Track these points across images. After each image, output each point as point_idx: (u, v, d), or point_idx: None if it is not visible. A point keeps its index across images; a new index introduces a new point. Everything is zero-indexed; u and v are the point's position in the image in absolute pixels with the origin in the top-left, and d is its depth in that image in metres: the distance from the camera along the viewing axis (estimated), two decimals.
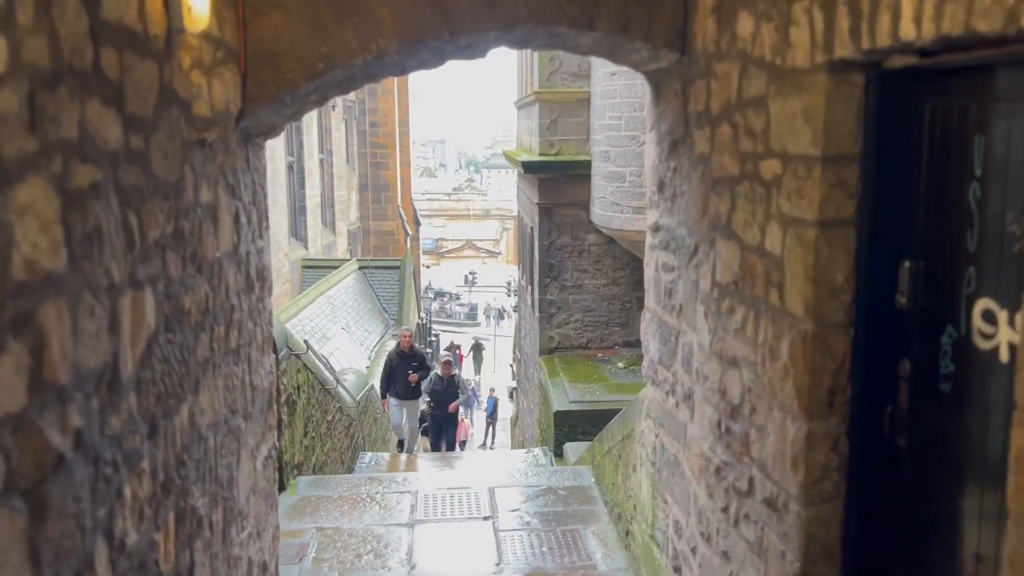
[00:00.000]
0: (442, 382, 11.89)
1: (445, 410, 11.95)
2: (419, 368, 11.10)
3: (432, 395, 11.96)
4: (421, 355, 11.47)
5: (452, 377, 12.04)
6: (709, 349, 3.48)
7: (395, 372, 11.08)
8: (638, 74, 9.78)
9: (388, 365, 11.34)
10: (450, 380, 11.96)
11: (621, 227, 10.64)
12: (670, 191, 4.05)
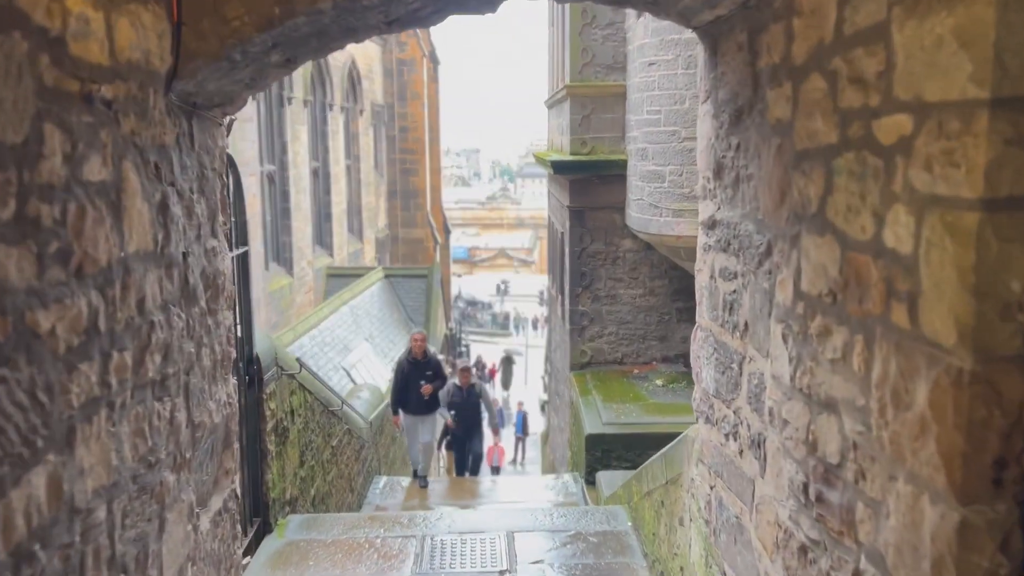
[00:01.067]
0: (461, 393, 10.73)
1: (467, 424, 10.80)
2: (434, 378, 9.72)
3: (451, 408, 10.82)
4: (436, 362, 10.08)
5: (472, 386, 10.83)
6: (790, 384, 2.58)
7: (407, 383, 9.73)
8: (678, 64, 8.81)
9: (399, 374, 9.88)
10: (470, 390, 10.76)
11: (660, 231, 9.72)
12: (731, 175, 3.15)
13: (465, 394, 10.77)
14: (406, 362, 9.86)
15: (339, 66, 23.09)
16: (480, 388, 11.11)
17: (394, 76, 29.15)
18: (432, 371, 9.77)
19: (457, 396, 10.72)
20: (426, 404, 9.78)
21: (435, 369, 9.86)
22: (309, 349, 14.89)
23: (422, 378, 9.63)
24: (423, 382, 9.60)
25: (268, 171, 18.35)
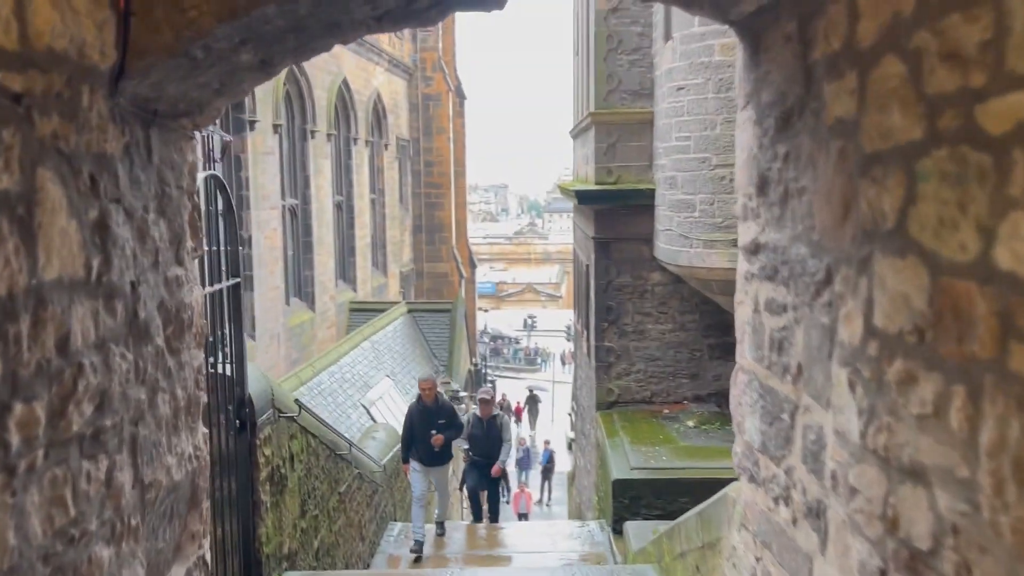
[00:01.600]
0: (481, 424, 9.86)
1: (486, 459, 9.87)
2: (448, 426, 8.82)
3: (470, 441, 10.03)
4: (450, 408, 9.16)
5: (493, 418, 9.94)
6: (859, 443, 2.08)
7: (416, 431, 8.87)
8: (708, 88, 8.38)
9: (408, 422, 9.02)
10: (490, 421, 9.88)
11: (690, 263, 9.21)
12: (778, 190, 2.68)
13: (485, 427, 9.89)
14: (415, 409, 9.03)
15: (364, 100, 23.00)
16: (502, 420, 10.19)
17: (419, 110, 29.07)
18: (445, 419, 8.89)
19: (477, 428, 9.89)
20: (438, 455, 8.92)
21: (448, 416, 8.98)
22: (328, 385, 14.48)
23: (433, 426, 8.78)
24: (434, 431, 8.73)
25: (290, 205, 18.14)
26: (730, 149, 8.71)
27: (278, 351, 16.66)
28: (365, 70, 23.20)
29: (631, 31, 10.31)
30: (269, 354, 16.19)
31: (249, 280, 15.48)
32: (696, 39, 8.79)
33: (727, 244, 8.84)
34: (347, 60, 21.29)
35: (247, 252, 15.39)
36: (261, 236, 15.85)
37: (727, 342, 10.84)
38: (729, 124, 8.69)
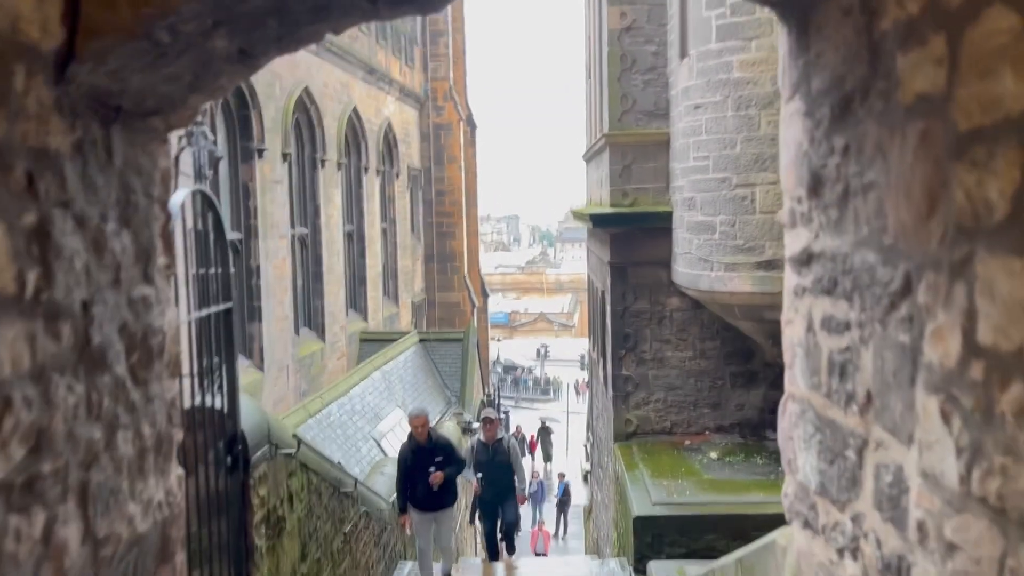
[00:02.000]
0: (487, 450, 9.21)
1: (496, 488, 9.22)
2: (446, 463, 8.05)
3: (476, 469, 9.33)
4: (446, 444, 8.38)
5: (499, 442, 9.30)
6: (959, 488, 1.68)
7: (412, 473, 8.04)
8: (727, 106, 8.04)
9: (402, 465, 8.16)
10: (496, 445, 9.24)
11: (711, 288, 8.82)
12: (837, 189, 2.31)
13: (491, 451, 9.23)
14: (408, 449, 8.22)
15: (374, 129, 22.86)
16: (509, 443, 9.52)
17: (431, 140, 28.94)
18: (443, 455, 8.14)
19: (482, 454, 9.23)
20: (439, 497, 8.12)
21: (446, 453, 8.22)
22: (338, 417, 14.10)
23: (430, 465, 8.02)
24: (432, 468, 7.98)
25: (300, 234, 17.89)
26: (751, 168, 8.37)
27: (287, 382, 16.31)
28: (376, 99, 23.08)
29: (645, 50, 10.03)
30: (278, 385, 15.84)
31: (257, 310, 15.18)
32: (713, 56, 8.48)
33: (750, 267, 8.46)
34: (357, 89, 21.17)
35: (255, 282, 15.11)
36: (269, 266, 15.57)
37: (749, 370, 10.45)
38: (750, 143, 8.35)
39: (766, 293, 8.42)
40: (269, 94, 15.43)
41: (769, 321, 8.86)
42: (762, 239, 8.33)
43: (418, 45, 28.20)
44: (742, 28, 8.21)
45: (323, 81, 18.56)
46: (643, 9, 9.95)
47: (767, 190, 8.29)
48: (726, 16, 8.30)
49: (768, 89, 8.16)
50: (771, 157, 8.25)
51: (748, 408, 10.18)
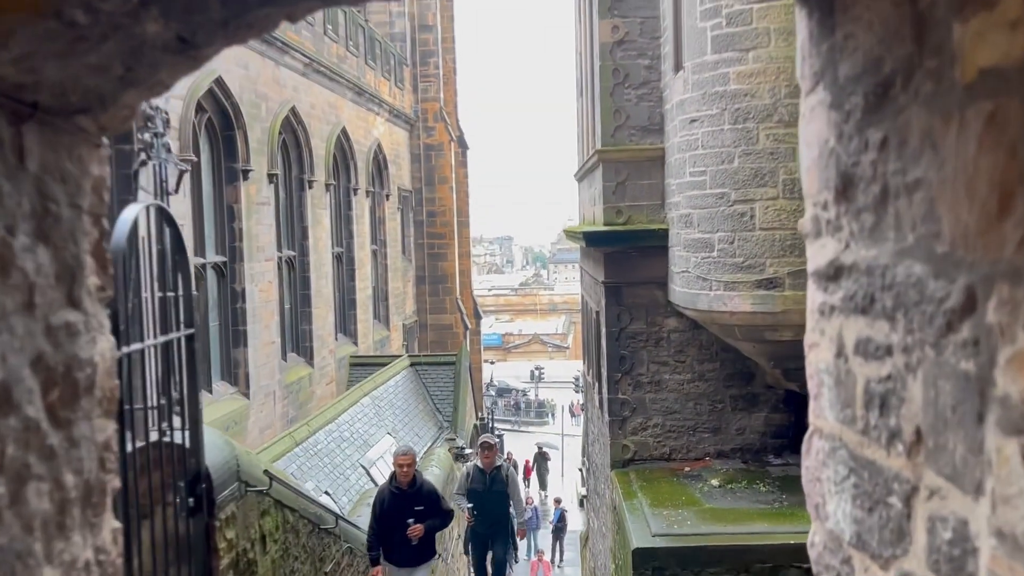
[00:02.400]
0: (483, 478, 8.66)
1: (490, 519, 8.64)
2: (428, 514, 7.12)
3: (470, 498, 8.76)
4: (431, 492, 7.40)
5: (497, 469, 8.74)
6: None
7: (388, 521, 7.05)
8: (724, 119, 7.77)
9: (377, 508, 7.21)
10: (494, 474, 8.69)
11: (710, 307, 8.50)
12: (873, 190, 1.98)
13: (488, 480, 8.64)
14: (387, 493, 7.24)
15: (364, 150, 22.60)
16: (508, 472, 8.97)
17: (421, 161, 28.71)
18: (424, 505, 7.19)
19: (478, 482, 8.68)
20: (416, 552, 7.17)
21: (430, 502, 7.26)
22: (325, 445, 13.68)
23: (409, 515, 7.04)
24: (411, 520, 7.00)
25: (287, 256, 17.55)
26: (750, 183, 8.08)
27: (274, 409, 15.89)
28: (365, 120, 22.84)
29: (638, 64, 9.77)
30: (264, 412, 15.42)
31: (243, 335, 14.80)
32: (709, 67, 8.21)
33: (750, 285, 8.15)
34: (346, 110, 20.92)
35: (240, 306, 14.74)
36: (255, 289, 15.21)
37: (750, 392, 10.10)
38: (748, 157, 8.07)
39: (767, 312, 8.10)
40: (254, 115, 15.14)
41: (770, 342, 8.54)
42: (762, 256, 8.03)
43: (408, 66, 28.03)
44: (739, 39, 7.96)
45: (310, 102, 18.30)
46: (635, 22, 9.70)
47: (767, 206, 7.99)
48: (722, 27, 8.04)
49: (767, 101, 7.89)
50: (770, 172, 7.97)
51: (749, 432, 9.83)
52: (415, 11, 28.60)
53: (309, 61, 17.79)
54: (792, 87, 7.82)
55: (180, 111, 12.40)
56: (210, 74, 13.29)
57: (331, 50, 19.51)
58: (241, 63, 14.60)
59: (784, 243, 7.95)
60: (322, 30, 18.81)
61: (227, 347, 14.57)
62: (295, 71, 17.33)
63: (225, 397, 14.30)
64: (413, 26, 28.41)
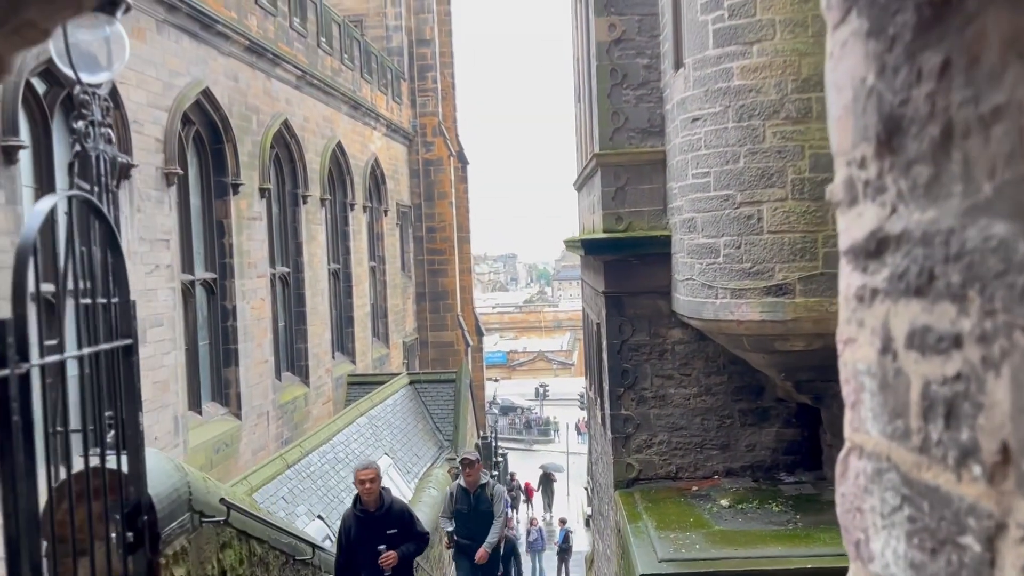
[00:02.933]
0: (467, 497, 7.99)
1: (478, 543, 7.88)
2: (401, 539, 6.42)
3: (457, 519, 8.08)
4: (403, 513, 6.70)
5: (482, 487, 8.05)
6: None
7: (356, 549, 6.36)
8: (728, 116, 7.33)
9: (342, 538, 6.51)
10: (479, 493, 8.00)
11: (716, 316, 8.02)
12: (929, 135, 1.50)
13: (473, 499, 7.96)
14: (351, 517, 6.50)
15: (360, 165, 22.22)
16: (494, 491, 8.24)
17: (420, 176, 28.35)
18: (397, 528, 6.47)
19: (462, 502, 8.00)
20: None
21: (402, 525, 6.53)
22: (318, 467, 13.18)
23: (380, 541, 6.31)
24: (383, 547, 6.28)
25: (281, 273, 17.12)
26: (756, 184, 7.62)
27: (267, 430, 15.41)
28: (361, 134, 22.49)
29: (636, 64, 9.35)
30: (257, 434, 14.94)
31: (234, 354, 14.34)
32: (711, 63, 7.78)
33: (758, 292, 7.67)
34: (341, 124, 20.57)
35: (231, 324, 14.29)
36: (247, 306, 14.77)
37: (760, 407, 9.59)
38: (754, 156, 7.61)
39: (777, 321, 7.62)
40: (245, 127, 14.76)
41: (781, 352, 8.05)
42: (771, 261, 7.55)
43: (405, 80, 27.73)
44: (742, 31, 7.53)
45: (304, 115, 17.94)
46: (633, 20, 9.29)
47: (775, 207, 7.53)
48: (724, 19, 7.62)
49: (773, 97, 7.45)
50: (778, 171, 7.51)
51: (760, 449, 9.32)
52: (412, 25, 28.34)
53: (302, 74, 17.44)
54: (800, 82, 7.38)
55: (165, 123, 12.02)
56: (197, 85, 12.93)
57: (325, 63, 19.17)
58: (230, 74, 14.25)
59: (794, 247, 7.48)
60: (315, 42, 18.48)
61: (217, 366, 14.11)
62: (288, 83, 16.98)
63: (215, 418, 13.82)
64: (411, 40, 28.14)
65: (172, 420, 11.96)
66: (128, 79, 11.04)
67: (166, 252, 11.97)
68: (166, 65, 12.05)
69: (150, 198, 11.55)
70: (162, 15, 11.92)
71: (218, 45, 13.73)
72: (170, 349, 11.99)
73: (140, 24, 11.40)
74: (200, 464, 12.84)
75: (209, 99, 13.46)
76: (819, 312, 7.44)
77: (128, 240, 10.98)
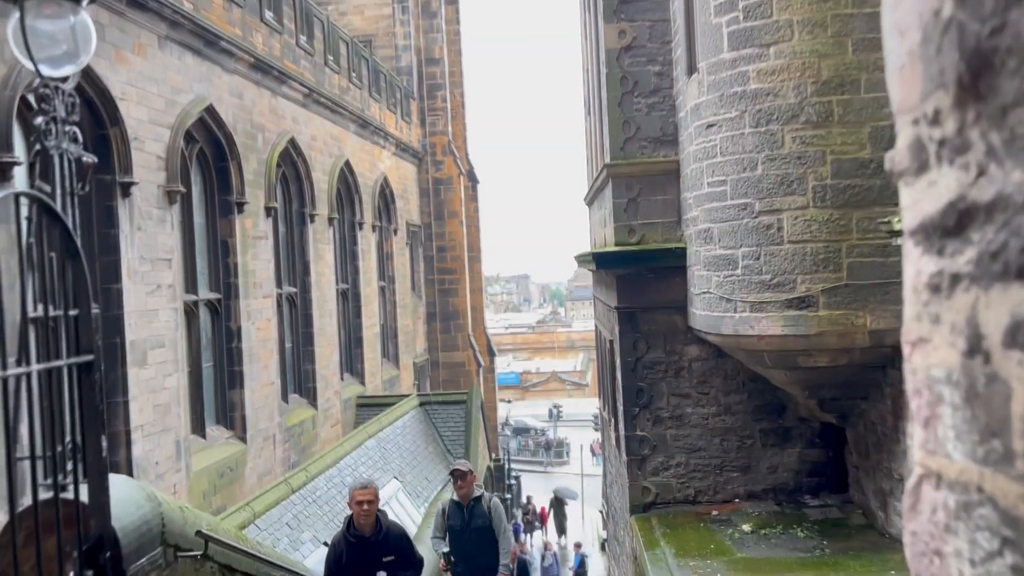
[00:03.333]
0: (461, 512, 7.28)
1: (473, 564, 7.18)
2: (399, 566, 5.91)
3: (451, 537, 7.32)
4: (401, 537, 6.17)
5: (477, 500, 7.32)
6: None
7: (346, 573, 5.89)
8: (744, 122, 7.00)
9: (332, 566, 6.00)
10: (474, 507, 7.29)
11: (734, 331, 7.64)
12: None
13: (467, 514, 7.24)
14: (343, 543, 5.96)
15: (369, 184, 21.99)
16: (491, 504, 7.46)
17: (430, 195, 28.13)
18: (394, 553, 5.94)
19: (455, 518, 7.29)
20: None
21: (399, 551, 5.99)
22: (324, 492, 12.81)
23: (375, 567, 5.79)
24: (382, 573, 5.77)
25: (288, 293, 16.84)
26: (776, 192, 7.26)
27: (274, 453, 15.05)
28: (370, 153, 22.29)
29: (648, 71, 9.04)
30: (263, 458, 14.58)
31: (239, 376, 14.03)
32: (726, 66, 7.46)
33: (779, 305, 7.29)
34: (349, 142, 20.36)
35: (236, 345, 13.98)
36: (252, 327, 14.47)
37: (782, 426, 9.16)
38: (772, 162, 7.26)
39: (800, 336, 7.23)
40: (250, 145, 14.54)
41: (804, 368, 7.65)
42: (793, 272, 7.18)
43: (415, 99, 27.59)
44: (758, 33, 7.21)
45: (311, 133, 17.73)
46: (644, 26, 8.99)
47: (795, 216, 7.16)
48: (739, 21, 7.30)
49: (791, 100, 7.10)
50: (798, 178, 7.16)
51: (782, 470, 8.89)
52: (422, 45, 28.24)
53: (309, 92, 17.25)
54: (820, 84, 7.04)
55: (167, 140, 11.79)
56: (200, 102, 12.72)
57: (332, 81, 19.00)
58: (235, 92, 14.05)
59: (817, 257, 7.10)
60: (322, 60, 18.32)
61: (222, 389, 13.80)
62: (294, 102, 16.79)
63: (220, 442, 13.49)
64: (420, 60, 28.02)
65: (174, 444, 11.63)
66: (129, 95, 10.83)
67: (168, 272, 11.70)
68: (168, 82, 11.85)
69: (151, 216, 11.30)
70: (164, 31, 11.73)
71: (222, 62, 13.54)
72: (172, 371, 11.68)
73: (141, 40, 11.21)
74: (204, 489, 12.49)
75: (213, 116, 13.25)
76: (844, 326, 7.06)
77: (128, 259, 10.72)
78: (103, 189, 10.52)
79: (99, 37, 10.76)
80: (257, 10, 14.84)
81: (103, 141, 10.46)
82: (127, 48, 10.83)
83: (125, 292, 10.59)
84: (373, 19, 27.17)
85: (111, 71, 10.41)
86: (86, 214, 10.44)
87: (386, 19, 27.18)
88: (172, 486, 11.58)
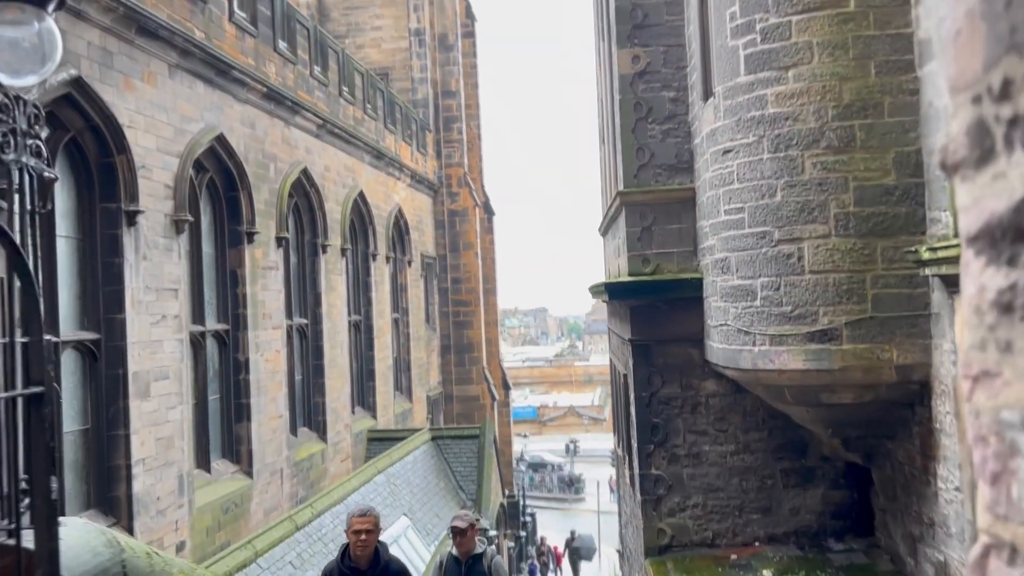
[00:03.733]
0: (459, 569, 6.81)
1: None
2: None
3: None
4: (399, 572, 5.72)
5: (478, 557, 6.84)
6: None
7: None
8: (762, 147, 6.67)
9: None
10: (472, 564, 6.79)
11: (753, 366, 7.28)
12: None
13: (464, 571, 6.82)
14: (336, 573, 5.58)
15: (383, 215, 21.85)
16: (492, 564, 6.97)
17: (446, 227, 27.99)
18: None
19: (452, 574, 6.89)
20: None
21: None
22: (331, 529, 12.43)
23: None
24: None
25: (298, 324, 16.61)
26: (796, 220, 6.94)
27: (281, 488, 14.72)
28: (385, 184, 22.18)
29: (662, 97, 8.80)
30: (270, 493, 14.25)
31: (246, 408, 13.76)
32: (743, 90, 7.19)
33: (800, 339, 6.93)
34: (364, 173, 20.26)
35: (244, 377, 13.73)
36: (261, 359, 14.23)
37: (804, 466, 8.75)
38: (792, 189, 6.95)
39: (822, 370, 6.86)
40: (262, 175, 14.42)
41: (827, 405, 7.27)
42: (814, 304, 6.83)
43: (431, 131, 27.56)
44: (776, 56, 6.94)
45: (324, 164, 17.63)
46: (658, 51, 8.77)
47: (816, 244, 6.84)
48: (756, 43, 7.05)
49: (812, 125, 6.81)
50: (819, 205, 6.84)
51: (805, 512, 8.45)
52: (438, 77, 28.28)
53: (323, 122, 17.18)
54: (842, 108, 6.75)
55: (176, 169, 11.66)
56: (211, 131, 12.62)
57: (347, 112, 18.94)
58: (247, 121, 13.96)
59: (840, 288, 6.76)
60: (337, 91, 18.27)
61: (228, 422, 13.53)
62: (308, 132, 16.71)
63: (225, 476, 13.18)
64: (436, 92, 28.05)
65: (176, 479, 11.33)
66: (136, 123, 10.72)
67: (174, 302, 11.50)
68: (178, 110, 11.75)
69: (158, 246, 11.12)
70: (175, 60, 11.65)
71: (234, 91, 13.47)
72: (176, 403, 11.43)
73: (151, 68, 11.12)
74: (207, 526, 12.16)
75: (224, 146, 13.14)
76: (869, 360, 6.69)
77: (132, 289, 10.53)
78: (108, 217, 10.37)
79: (107, 64, 10.64)
80: (271, 40, 14.80)
81: (108, 169, 10.33)
82: (136, 76, 10.74)
83: (128, 322, 10.38)
84: (390, 52, 27.28)
85: (119, 98, 10.30)
86: (90, 242, 10.28)
87: (403, 52, 27.28)
88: (174, 522, 11.28)
